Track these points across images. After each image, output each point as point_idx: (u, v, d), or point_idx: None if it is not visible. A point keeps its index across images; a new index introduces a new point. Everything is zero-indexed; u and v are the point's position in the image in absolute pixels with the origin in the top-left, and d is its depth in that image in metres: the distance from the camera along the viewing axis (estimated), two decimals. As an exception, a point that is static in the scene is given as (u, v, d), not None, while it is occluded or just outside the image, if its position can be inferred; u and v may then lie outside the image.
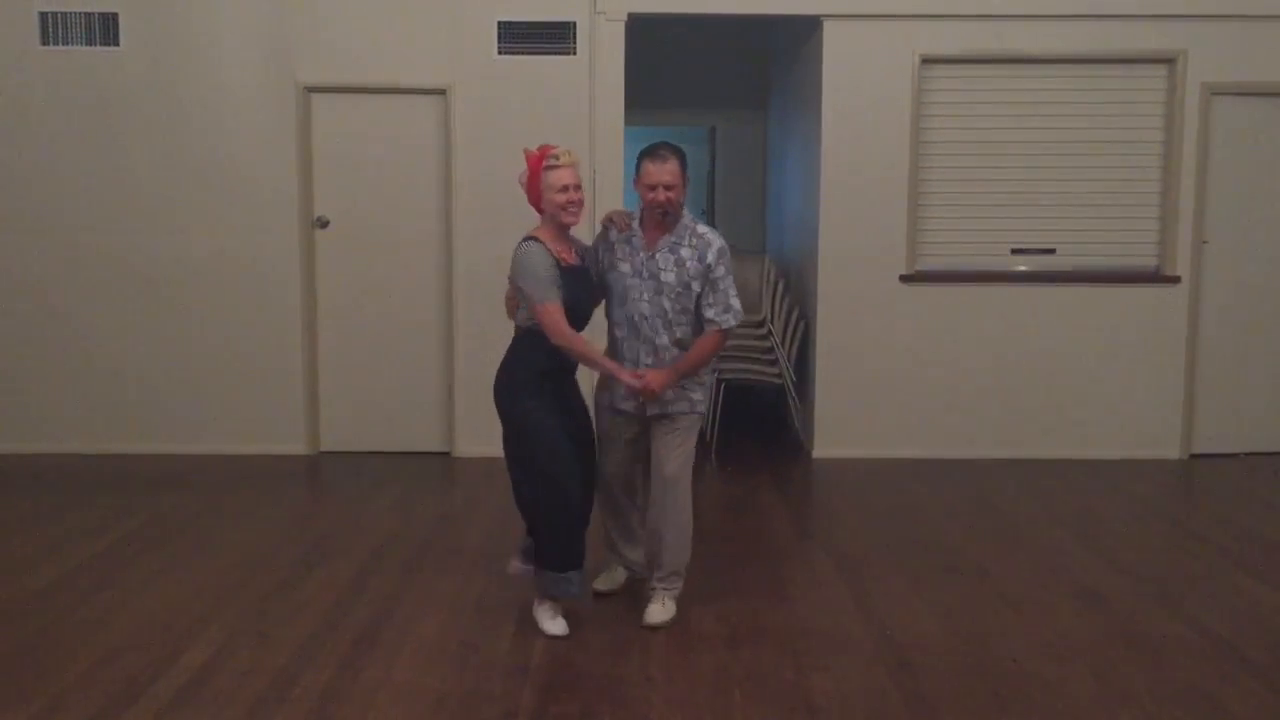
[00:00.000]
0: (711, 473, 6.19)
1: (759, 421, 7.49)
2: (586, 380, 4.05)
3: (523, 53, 6.22)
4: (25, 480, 5.86)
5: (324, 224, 6.35)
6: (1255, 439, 6.55)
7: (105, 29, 6.16)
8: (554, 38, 6.21)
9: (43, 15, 6.14)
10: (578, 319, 3.74)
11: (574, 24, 6.20)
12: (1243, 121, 6.35)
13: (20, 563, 4.53)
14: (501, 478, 5.91)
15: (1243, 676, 3.53)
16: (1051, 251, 6.45)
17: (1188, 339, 6.42)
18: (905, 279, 6.38)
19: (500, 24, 6.20)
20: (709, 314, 3.81)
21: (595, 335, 4.23)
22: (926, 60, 6.28)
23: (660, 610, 3.89)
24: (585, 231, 4.86)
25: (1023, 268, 6.46)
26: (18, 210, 6.27)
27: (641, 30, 6.60)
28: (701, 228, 3.84)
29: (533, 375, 3.71)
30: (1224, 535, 5.06)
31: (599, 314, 4.00)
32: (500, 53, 6.22)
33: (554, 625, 3.77)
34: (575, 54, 6.21)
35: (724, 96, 9.21)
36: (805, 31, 6.83)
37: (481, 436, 6.36)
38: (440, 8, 6.19)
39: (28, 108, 6.22)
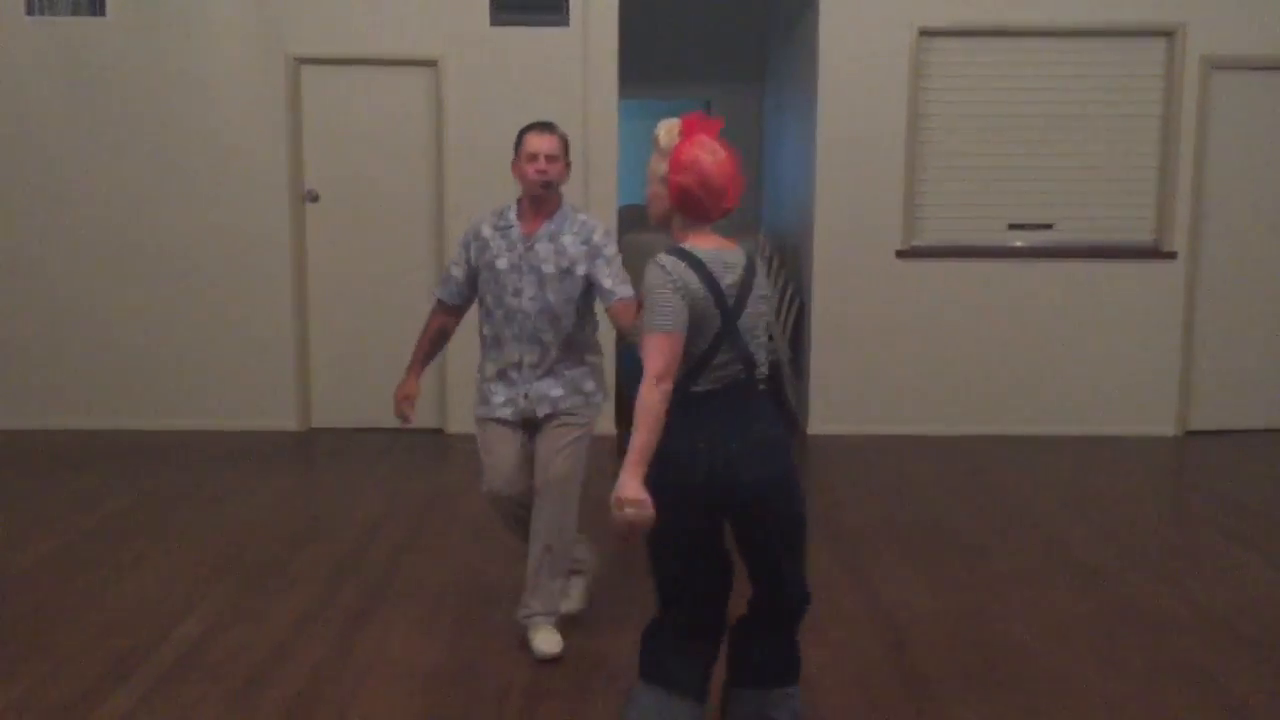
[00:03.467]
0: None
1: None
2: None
3: (515, 24, 6.14)
4: (13, 456, 5.82)
5: (314, 198, 6.29)
6: (1251, 416, 6.54)
7: (92, -1, 6.08)
8: (547, 9, 6.13)
9: (28, -15, 6.06)
10: None
11: (568, -5, 6.13)
12: (1242, 95, 6.30)
13: (11, 539, 4.50)
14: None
15: (1238, 651, 3.52)
16: (1049, 227, 6.41)
17: (1184, 315, 6.40)
18: (901, 254, 6.35)
19: (493, -5, 6.14)
20: (606, 284, 3.44)
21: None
22: (924, 33, 6.22)
23: (550, 639, 3.43)
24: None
25: (1020, 243, 6.42)
26: (2, 187, 6.20)
27: (636, 1, 6.53)
28: (584, 215, 3.54)
29: None
30: (1219, 511, 5.05)
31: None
32: (493, 24, 6.15)
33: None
34: (568, 25, 6.14)
35: (720, 69, 9.13)
36: (802, 3, 6.76)
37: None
38: (432, -22, 6.12)
39: (13, 79, 6.13)
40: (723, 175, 2.59)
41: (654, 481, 2.46)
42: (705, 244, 2.59)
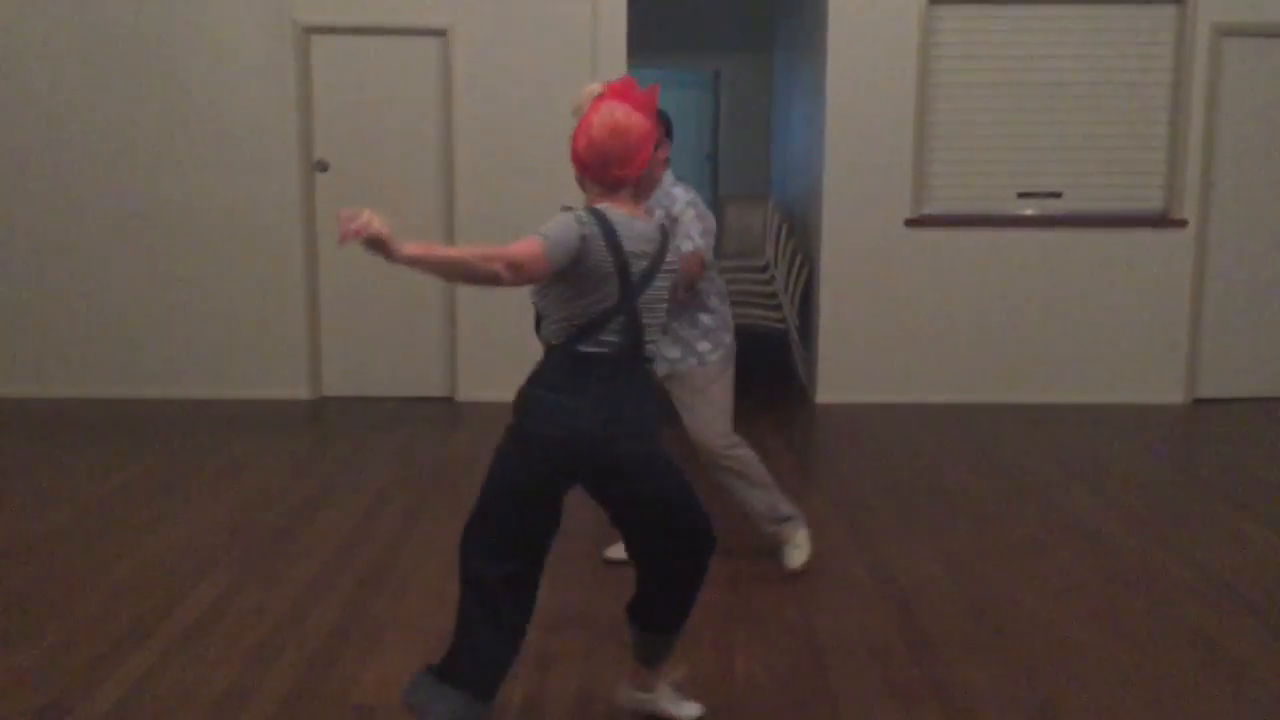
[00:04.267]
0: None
1: (762, 366, 7.48)
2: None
3: (524, -8, 6.13)
4: (28, 424, 5.87)
5: (324, 167, 6.30)
6: (1259, 383, 6.54)
7: (100, -32, 6.07)
8: (556, -23, 6.10)
9: (36, -46, 6.05)
10: None
11: (576, -37, 6.10)
12: (1253, 63, 6.26)
13: (28, 505, 4.55)
14: (504, 422, 5.94)
15: (1242, 617, 3.55)
16: (1058, 195, 6.40)
17: (1193, 283, 6.39)
18: (910, 223, 6.34)
19: (501, -37, 6.11)
20: (677, 242, 3.56)
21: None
22: (933, 0, 6.18)
23: (795, 554, 3.87)
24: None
25: (1029, 211, 6.41)
26: (12, 153, 6.21)
27: (644, -31, 6.50)
28: (676, 188, 3.65)
29: None
30: (1226, 479, 5.07)
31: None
32: (501, -8, 6.14)
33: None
34: (577, -7, 6.13)
35: (729, 39, 9.09)
36: (811, -30, 6.72)
37: (484, 381, 6.36)
38: (440, -54, 6.10)
39: (23, 46, 6.14)
40: (613, 142, 2.44)
41: (523, 426, 2.51)
42: (619, 208, 2.51)
